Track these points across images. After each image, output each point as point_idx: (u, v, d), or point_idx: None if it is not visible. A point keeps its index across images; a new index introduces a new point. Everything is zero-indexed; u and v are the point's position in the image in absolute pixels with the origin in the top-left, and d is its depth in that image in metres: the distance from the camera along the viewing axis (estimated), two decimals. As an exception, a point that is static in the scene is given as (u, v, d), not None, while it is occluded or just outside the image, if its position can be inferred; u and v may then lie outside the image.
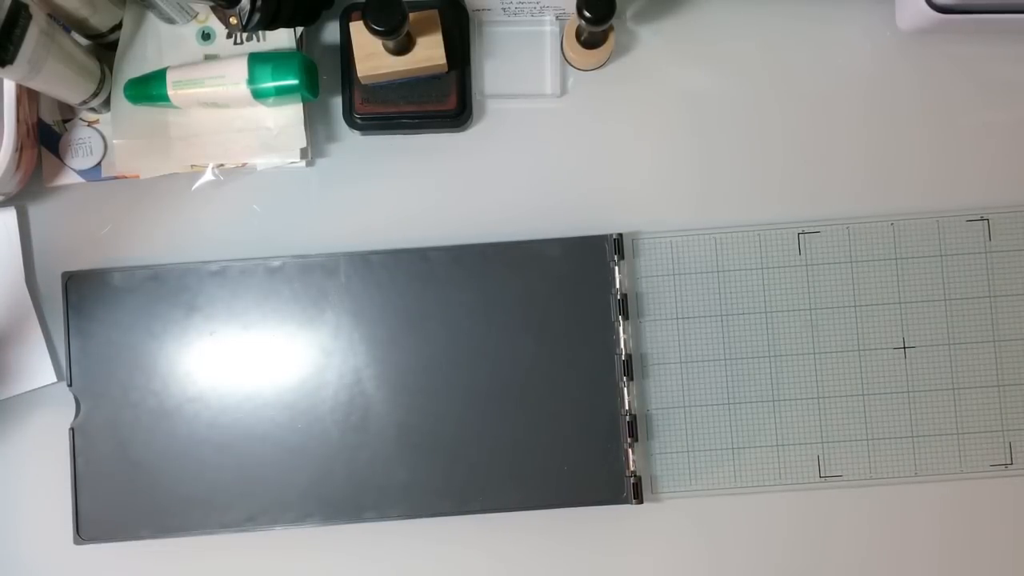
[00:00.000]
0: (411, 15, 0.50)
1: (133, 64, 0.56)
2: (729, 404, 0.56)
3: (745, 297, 0.57)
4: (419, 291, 0.55)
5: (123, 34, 0.56)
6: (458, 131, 0.58)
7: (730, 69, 0.59)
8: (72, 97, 0.54)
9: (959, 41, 0.59)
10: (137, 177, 0.57)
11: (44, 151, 0.57)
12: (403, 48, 0.53)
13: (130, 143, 0.56)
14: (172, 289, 0.55)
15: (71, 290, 0.55)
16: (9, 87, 0.52)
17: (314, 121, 0.58)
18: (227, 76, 0.54)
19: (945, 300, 0.57)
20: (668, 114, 0.58)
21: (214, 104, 0.55)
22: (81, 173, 0.57)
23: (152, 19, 0.56)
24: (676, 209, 0.58)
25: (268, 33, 0.56)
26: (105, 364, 0.55)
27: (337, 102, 0.58)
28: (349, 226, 0.57)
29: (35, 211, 0.58)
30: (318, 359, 0.55)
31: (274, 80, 0.53)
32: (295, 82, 0.53)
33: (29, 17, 0.47)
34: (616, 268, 0.55)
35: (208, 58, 0.56)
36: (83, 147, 0.57)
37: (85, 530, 0.54)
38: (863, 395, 0.56)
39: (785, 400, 0.56)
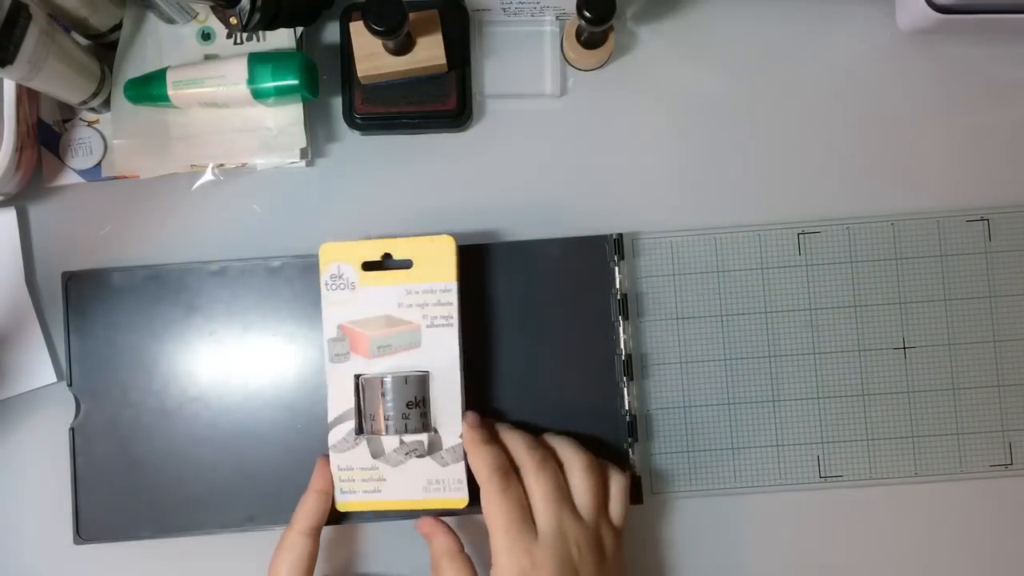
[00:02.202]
0: (411, 15, 0.50)
1: (133, 64, 0.56)
2: (729, 404, 0.56)
3: (745, 297, 0.57)
4: (419, 291, 0.55)
5: (123, 34, 0.56)
6: (458, 131, 0.58)
7: (730, 69, 0.59)
8: (72, 97, 0.54)
9: (959, 41, 0.59)
10: (137, 177, 0.57)
11: (44, 151, 0.57)
12: (403, 48, 0.53)
13: (130, 143, 0.56)
14: (172, 289, 0.55)
15: (71, 290, 0.55)
16: (9, 87, 0.52)
17: (314, 121, 0.58)
18: (227, 76, 0.54)
19: (945, 300, 0.57)
20: (668, 114, 0.58)
21: (214, 104, 0.55)
22: (81, 173, 0.57)
23: (152, 19, 0.56)
24: (676, 209, 0.58)
25: (268, 33, 0.56)
26: (105, 364, 0.55)
27: (337, 102, 0.58)
28: (349, 226, 0.57)
29: (35, 211, 0.58)
30: (318, 359, 0.55)
31: (274, 80, 0.53)
32: (295, 82, 0.53)
33: (29, 17, 0.47)
34: (616, 268, 0.55)
35: (208, 58, 0.56)
36: (83, 147, 0.57)
37: (85, 530, 0.54)
38: (863, 395, 0.56)
39: (785, 400, 0.56)
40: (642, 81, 0.58)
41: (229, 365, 0.55)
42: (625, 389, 0.55)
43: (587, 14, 0.50)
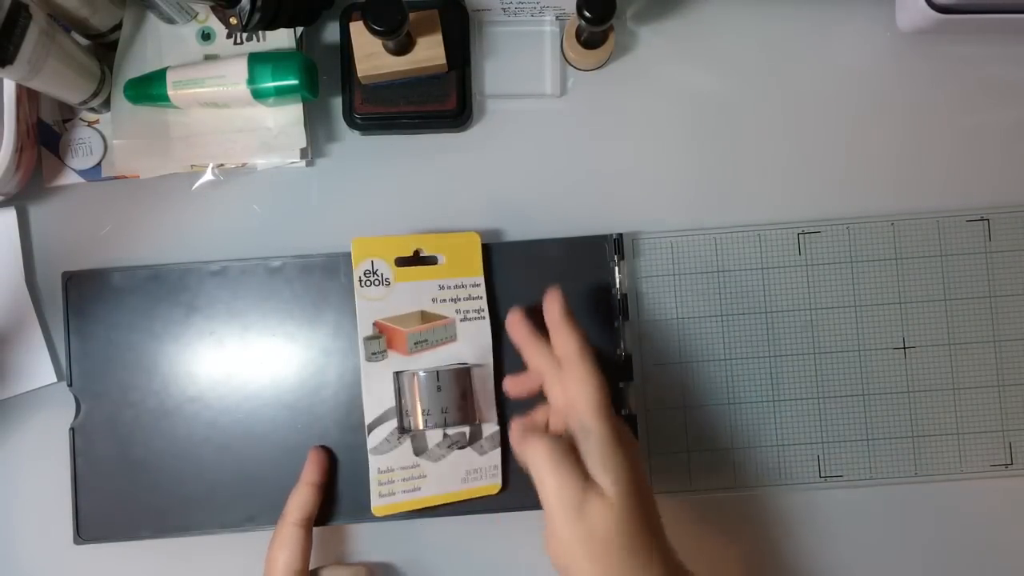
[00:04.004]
0: (411, 15, 0.50)
1: (133, 64, 0.56)
2: (729, 404, 0.56)
3: (745, 297, 0.57)
4: (419, 291, 0.55)
5: (123, 34, 0.56)
6: (458, 131, 0.58)
7: (730, 69, 0.59)
8: (72, 97, 0.54)
9: (959, 41, 0.59)
10: (137, 177, 0.57)
11: (44, 151, 0.57)
12: (403, 48, 0.53)
13: (130, 143, 0.56)
14: (172, 289, 0.55)
15: (71, 290, 0.55)
16: (9, 87, 0.52)
17: (314, 121, 0.58)
18: (227, 76, 0.54)
19: (945, 300, 0.57)
20: (668, 114, 0.58)
21: (214, 104, 0.55)
22: (81, 173, 0.57)
23: (152, 19, 0.56)
24: (676, 209, 0.58)
25: (268, 33, 0.56)
26: (105, 364, 0.55)
27: (337, 102, 0.58)
28: (349, 226, 0.57)
29: (35, 211, 0.58)
30: (318, 359, 0.55)
31: (274, 80, 0.53)
32: (295, 82, 0.53)
33: (29, 17, 0.47)
34: (616, 268, 0.55)
35: (208, 58, 0.56)
36: (83, 147, 0.57)
37: (85, 530, 0.54)
38: (863, 395, 0.56)
39: (785, 400, 0.56)
40: (642, 81, 0.58)
41: (229, 365, 0.55)
42: (625, 389, 0.55)
43: (587, 14, 0.50)
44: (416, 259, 0.54)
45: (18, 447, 0.56)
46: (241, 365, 0.55)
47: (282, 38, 0.56)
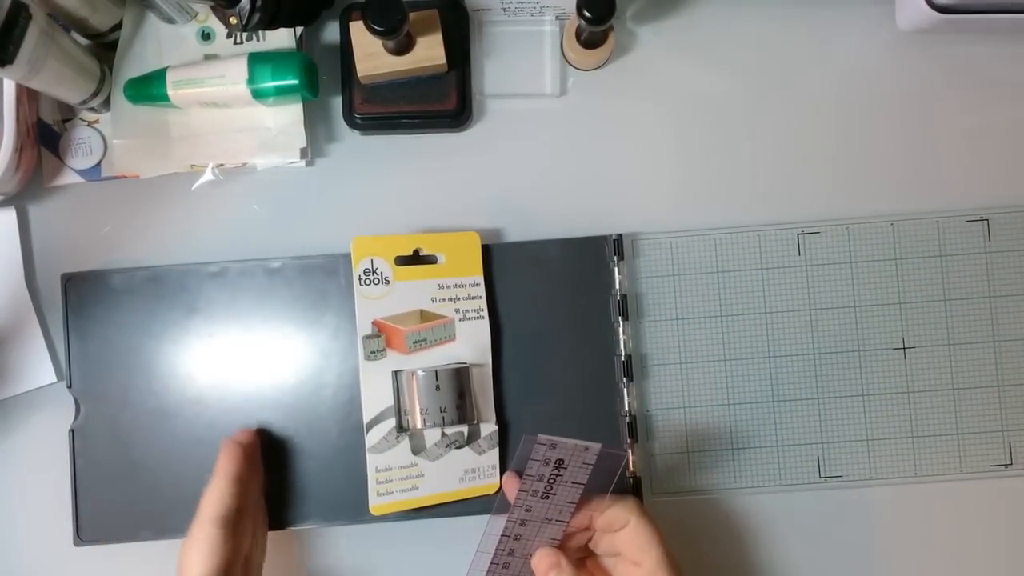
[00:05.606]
0: (411, 15, 0.50)
1: (133, 64, 0.56)
2: (729, 404, 0.56)
3: (745, 297, 0.57)
4: (419, 291, 0.55)
5: (123, 34, 0.56)
6: (458, 131, 0.58)
7: (730, 69, 0.59)
8: (72, 97, 0.54)
9: (959, 41, 0.59)
10: (137, 177, 0.57)
11: (44, 151, 0.57)
12: (403, 48, 0.53)
13: (130, 143, 0.56)
14: (172, 290, 0.55)
15: (70, 291, 0.55)
16: (9, 87, 0.52)
17: (314, 121, 0.58)
18: (227, 76, 0.54)
19: (945, 300, 0.57)
20: (668, 114, 0.58)
21: (214, 104, 0.55)
22: (81, 173, 0.57)
23: (152, 19, 0.56)
24: (676, 209, 0.58)
25: (268, 33, 0.56)
26: (105, 365, 0.55)
27: (337, 102, 0.58)
28: (349, 226, 0.57)
29: (35, 211, 0.57)
30: (318, 360, 0.55)
31: (274, 80, 0.53)
32: (295, 82, 0.53)
33: (29, 17, 0.47)
34: (616, 268, 0.55)
35: (208, 58, 0.56)
36: (83, 147, 0.57)
37: (85, 531, 0.54)
38: (863, 395, 0.56)
39: (785, 400, 0.56)
40: (642, 81, 0.58)
41: (229, 366, 0.55)
42: (625, 389, 0.55)
43: (587, 14, 0.50)
44: (416, 258, 0.54)
45: (18, 447, 0.56)
46: (241, 366, 0.55)
47: (282, 38, 0.56)
